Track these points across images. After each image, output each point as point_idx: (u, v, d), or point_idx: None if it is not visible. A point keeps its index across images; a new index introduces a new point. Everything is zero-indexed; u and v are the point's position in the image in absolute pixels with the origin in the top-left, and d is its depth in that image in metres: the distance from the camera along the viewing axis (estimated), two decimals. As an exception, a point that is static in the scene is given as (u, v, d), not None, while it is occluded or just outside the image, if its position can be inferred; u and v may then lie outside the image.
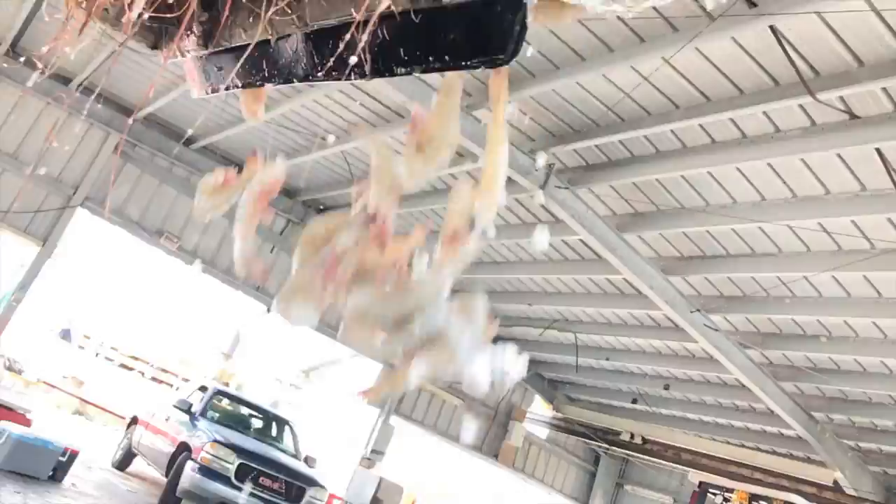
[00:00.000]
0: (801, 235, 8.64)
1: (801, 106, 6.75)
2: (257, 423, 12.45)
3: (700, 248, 9.98)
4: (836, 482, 12.85)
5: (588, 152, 9.02)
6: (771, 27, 5.83)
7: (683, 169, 8.32)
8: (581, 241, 10.42)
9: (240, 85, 2.15)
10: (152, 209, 13.26)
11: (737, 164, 7.88)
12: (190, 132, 12.56)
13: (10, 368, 16.24)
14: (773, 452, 14.53)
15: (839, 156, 7.18)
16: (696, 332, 10.91)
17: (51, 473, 8.96)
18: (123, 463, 12.51)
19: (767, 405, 12.21)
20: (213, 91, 2.23)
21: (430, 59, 1.78)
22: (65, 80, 11.74)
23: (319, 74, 1.97)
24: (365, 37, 1.72)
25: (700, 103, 7.29)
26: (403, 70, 1.84)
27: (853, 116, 6.48)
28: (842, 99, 6.39)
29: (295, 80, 2.11)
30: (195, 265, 13.23)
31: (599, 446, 17.97)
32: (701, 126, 7.66)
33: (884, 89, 6.17)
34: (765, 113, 7.04)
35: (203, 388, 12.45)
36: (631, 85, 7.32)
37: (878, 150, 6.70)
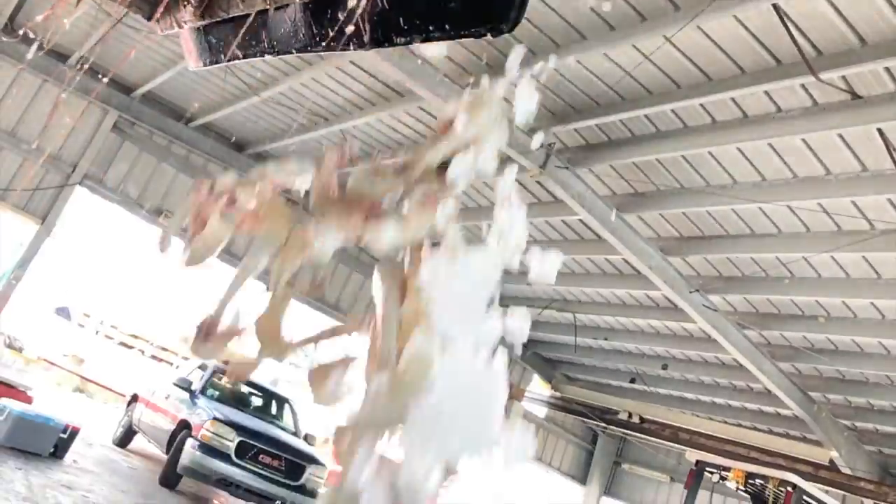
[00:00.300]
0: (801, 216, 8.64)
1: (802, 86, 6.72)
2: (257, 401, 12.52)
3: (699, 229, 9.98)
4: (832, 461, 12.93)
5: (588, 132, 9.00)
6: (773, 5, 5.79)
7: (684, 149, 8.30)
8: (581, 221, 10.41)
9: (239, 57, 2.11)
10: (151, 187, 13.23)
11: (737, 144, 7.86)
12: (191, 112, 12.51)
13: (10, 346, 16.28)
14: (770, 432, 14.63)
15: (840, 136, 7.16)
16: (694, 312, 10.94)
17: (52, 450, 9.01)
18: (124, 440, 12.58)
19: (765, 385, 12.28)
20: (211, 63, 2.19)
21: (431, 28, 1.72)
22: (63, 57, 11.67)
23: (318, 45, 1.93)
24: (363, 4, 1.69)
25: (701, 82, 7.25)
26: (403, 40, 1.79)
27: (855, 96, 6.45)
28: (844, 79, 6.36)
29: (293, 52, 2.07)
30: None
31: (597, 425, 18.07)
32: (702, 105, 7.63)
33: (886, 69, 6.14)
34: (766, 92, 7.01)
35: (203, 367, 12.49)
36: (632, 64, 7.27)
37: (879, 130, 6.68)
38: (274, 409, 12.67)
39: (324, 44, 1.86)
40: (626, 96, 7.98)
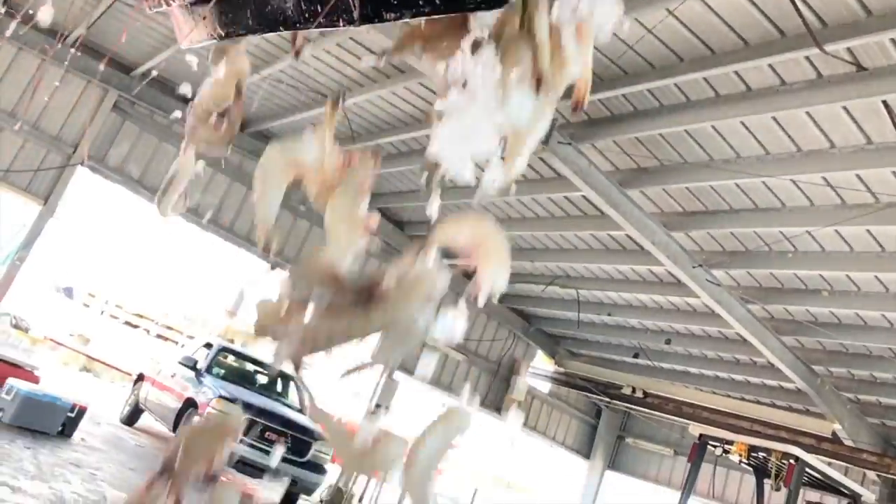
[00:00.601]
0: (805, 190, 8.60)
1: (807, 58, 6.65)
2: (262, 379, 12.60)
3: (703, 203, 9.94)
4: (834, 434, 13.02)
5: (591, 107, 8.93)
6: (778, -24, 5.72)
7: (687, 123, 8.25)
8: (583, 196, 10.38)
9: (223, 35, 2.04)
10: (153, 167, 13.20)
11: (741, 118, 7.80)
12: (191, 91, 12.41)
13: (16, 326, 16.39)
14: (773, 405, 14.70)
15: (845, 109, 7.10)
16: (697, 286, 10.93)
17: (60, 429, 9.10)
18: (131, 418, 12.70)
19: (768, 359, 12.30)
20: (198, 42, 2.14)
21: (421, 3, 1.66)
22: (60, 36, 11.58)
23: (307, 22, 1.88)
24: None
25: (704, 56, 7.18)
26: (393, 16, 1.73)
27: (860, 68, 6.38)
28: (849, 50, 6.29)
29: (282, 29, 2.01)
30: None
31: (601, 400, 18.17)
32: (705, 79, 7.56)
33: (892, 40, 6.07)
34: (770, 66, 6.94)
35: (208, 345, 12.58)
36: (634, 37, 7.20)
37: (884, 102, 6.62)
38: (279, 387, 12.76)
39: (313, 20, 1.81)
40: (629, 71, 7.91)
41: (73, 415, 9.34)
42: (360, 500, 14.03)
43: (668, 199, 10.21)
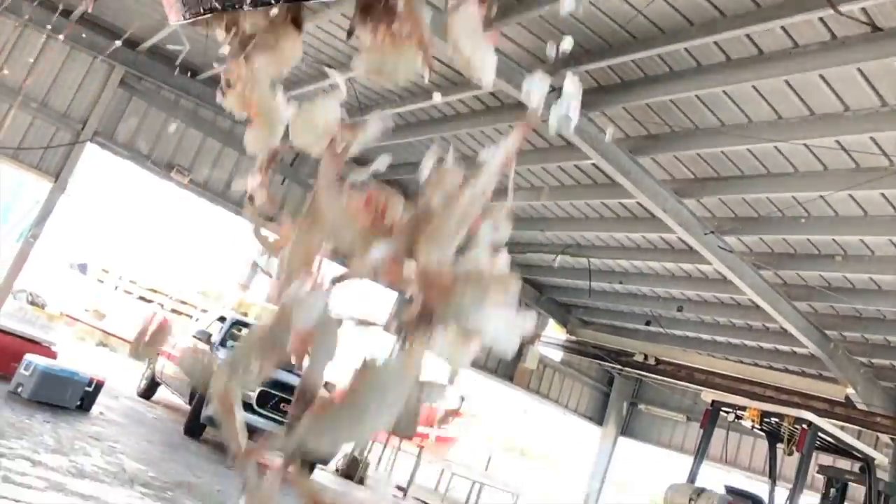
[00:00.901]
0: (818, 154, 8.50)
1: (821, 19, 6.52)
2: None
3: (714, 170, 9.86)
4: (847, 398, 13.03)
5: (600, 73, 8.83)
6: (791, -64, 5.59)
7: (698, 88, 8.14)
8: (594, 165, 10.31)
9: (218, 7, 2.00)
10: (161, 143, 13.20)
11: (753, 82, 7.70)
12: (197, 65, 12.36)
13: (32, 303, 16.57)
14: (786, 370, 14.71)
15: (860, 70, 6.98)
16: (709, 253, 10.89)
17: (78, 403, 9.22)
18: (148, 392, 12.86)
19: (781, 324, 12.29)
20: (191, 17, 2.09)
21: None
22: (66, 13, 11.55)
23: None
24: None
25: (715, 19, 7.07)
26: None
27: (875, 29, 6.26)
28: (864, 10, 6.16)
29: (272, 4, 1.98)
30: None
31: (613, 367, 18.25)
32: (716, 43, 7.45)
33: (908, -1, 5.95)
34: (783, 28, 6.82)
35: (222, 319, 12.67)
36: (644, 2, 7.09)
37: (899, 63, 6.51)
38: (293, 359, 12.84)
39: None
40: (639, 36, 7.80)
41: (90, 389, 9.45)
42: (376, 467, 14.21)
43: (679, 166, 10.13)
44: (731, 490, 8.45)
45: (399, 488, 13.81)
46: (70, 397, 9.13)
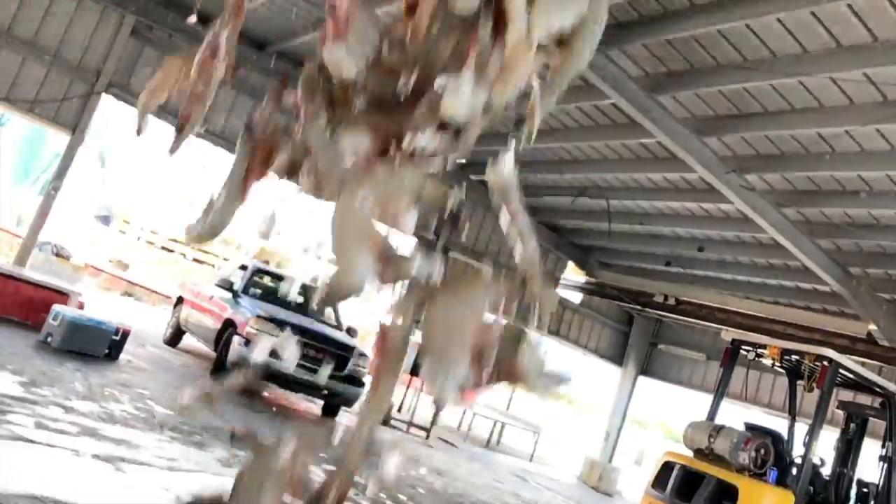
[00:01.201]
0: (845, 88, 8.29)
1: (849, -55, 6.29)
2: (298, 298, 12.83)
3: (737, 107, 9.66)
4: (869, 334, 12.98)
5: (618, 10, 8.60)
6: None
7: (719, 23, 7.92)
8: (613, 104, 10.15)
9: None
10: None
11: (776, 14, 7.47)
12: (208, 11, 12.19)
13: (57, 255, 16.77)
14: (808, 308, 14.65)
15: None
16: (731, 192, 10.76)
17: (106, 352, 9.42)
18: (174, 340, 13.10)
19: (803, 262, 12.19)
20: None
21: None
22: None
23: None
24: None
25: (739, -51, 6.83)
26: None
27: (906, -45, 6.03)
28: (894, -64, 5.93)
29: None
30: None
31: (633, 308, 18.28)
32: (739, -26, 7.22)
33: (941, -78, 5.70)
34: (809, -44, 6.59)
35: (243, 267, 12.82)
36: (664, -68, 6.86)
37: (931, -10, 6.28)
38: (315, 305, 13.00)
39: None
40: (659, -31, 7.57)
41: (117, 338, 9.64)
42: (399, 409, 14.46)
43: (700, 104, 9.94)
44: (750, 426, 8.51)
45: (422, 429, 14.08)
46: (98, 346, 9.33)
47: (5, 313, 9.69)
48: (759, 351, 8.91)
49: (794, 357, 8.70)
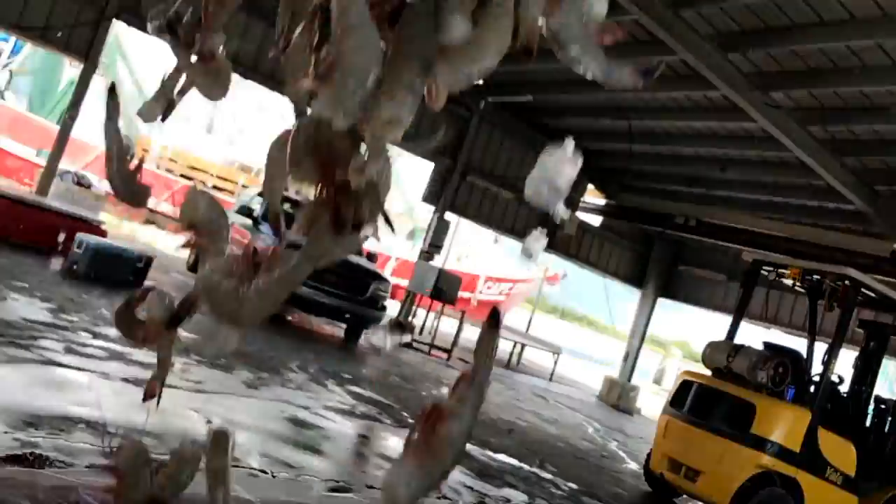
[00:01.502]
0: (877, -2, 7.95)
1: None
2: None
3: (762, 20, 9.32)
4: (893, 253, 12.84)
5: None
6: None
7: (748, -70, 7.58)
8: (635, 21, 9.84)
9: None
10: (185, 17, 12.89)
11: (808, -81, 7.12)
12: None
13: (78, 183, 16.86)
14: (831, 228, 14.48)
15: None
16: (755, 111, 10.50)
17: (131, 278, 9.58)
18: (196, 266, 13.26)
19: (827, 181, 11.98)
20: None
21: None
22: None
23: None
24: None
25: None
26: None
27: None
28: None
29: None
30: None
31: (653, 230, 18.20)
32: None
33: None
34: None
35: (262, 194, 12.84)
36: None
37: None
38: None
39: None
40: None
41: (141, 265, 9.80)
42: (420, 332, 14.70)
43: (724, 18, 9.60)
44: (769, 346, 8.55)
45: (443, 350, 14.32)
46: (122, 273, 9.49)
47: (31, 242, 9.84)
48: (780, 271, 8.87)
49: (815, 277, 8.65)
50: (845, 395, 8.43)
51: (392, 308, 13.96)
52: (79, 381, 5.20)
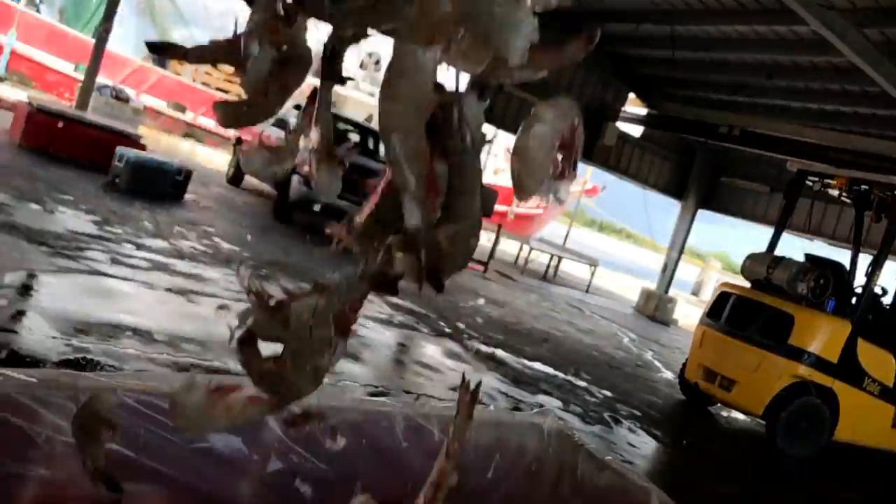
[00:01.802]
0: None
1: None
2: (354, 138, 12.85)
3: (820, -88, 8.75)
4: (947, 161, 12.39)
5: None
6: None
7: None
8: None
9: None
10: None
11: None
12: None
13: (117, 97, 16.96)
14: (883, 137, 13.96)
15: None
16: (806, 12, 9.98)
17: (171, 191, 9.73)
18: (235, 179, 13.41)
19: (882, 87, 11.45)
20: None
21: None
22: None
23: None
24: None
25: None
26: None
27: None
28: None
29: None
30: None
31: (695, 140, 17.76)
32: None
33: None
34: None
35: (297, 107, 12.75)
36: None
37: None
38: (371, 145, 13.03)
39: None
40: None
41: (180, 178, 9.92)
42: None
43: (779, -89, 9.03)
44: (810, 258, 8.42)
45: (480, 262, 14.41)
46: (162, 186, 9.63)
47: (72, 156, 9.99)
48: (826, 181, 8.64)
49: (862, 186, 8.42)
50: (888, 306, 8.32)
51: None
52: (124, 290, 5.36)
